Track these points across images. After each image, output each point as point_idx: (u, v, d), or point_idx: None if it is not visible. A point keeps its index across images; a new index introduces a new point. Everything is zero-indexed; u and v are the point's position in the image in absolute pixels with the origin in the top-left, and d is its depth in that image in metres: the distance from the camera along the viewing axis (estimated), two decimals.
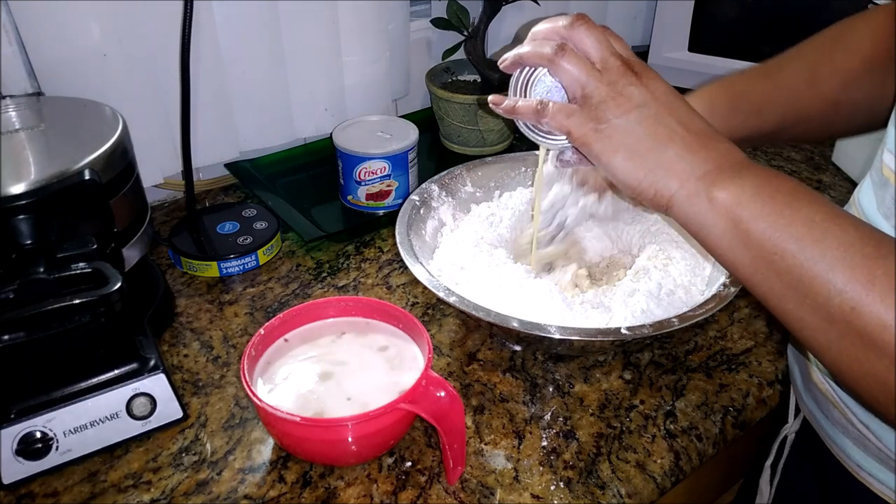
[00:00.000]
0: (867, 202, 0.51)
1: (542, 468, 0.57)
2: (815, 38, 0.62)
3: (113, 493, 0.55)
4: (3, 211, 0.52)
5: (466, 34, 0.99)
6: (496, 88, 1.00)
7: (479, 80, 1.04)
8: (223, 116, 0.91)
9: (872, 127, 0.61)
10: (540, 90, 0.51)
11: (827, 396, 0.55)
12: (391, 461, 0.57)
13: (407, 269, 0.65)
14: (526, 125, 0.54)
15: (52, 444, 0.55)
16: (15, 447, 0.54)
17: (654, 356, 0.69)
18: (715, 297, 0.62)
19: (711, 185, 0.43)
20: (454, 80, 1.05)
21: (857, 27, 0.61)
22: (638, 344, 0.69)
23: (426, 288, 0.63)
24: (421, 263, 0.66)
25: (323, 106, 0.98)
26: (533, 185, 0.83)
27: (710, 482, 0.85)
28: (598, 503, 0.55)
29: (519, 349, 0.69)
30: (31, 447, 0.54)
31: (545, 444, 0.59)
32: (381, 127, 0.91)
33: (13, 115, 0.62)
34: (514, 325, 0.58)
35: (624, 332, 0.58)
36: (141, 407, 0.58)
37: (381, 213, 0.90)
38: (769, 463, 0.68)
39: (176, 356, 0.68)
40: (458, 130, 1.02)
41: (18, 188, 0.53)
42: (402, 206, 0.74)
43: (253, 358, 0.57)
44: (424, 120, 1.06)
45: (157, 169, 0.87)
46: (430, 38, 1.12)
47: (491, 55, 1.08)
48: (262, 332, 0.58)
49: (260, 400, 0.52)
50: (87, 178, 0.55)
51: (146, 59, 0.81)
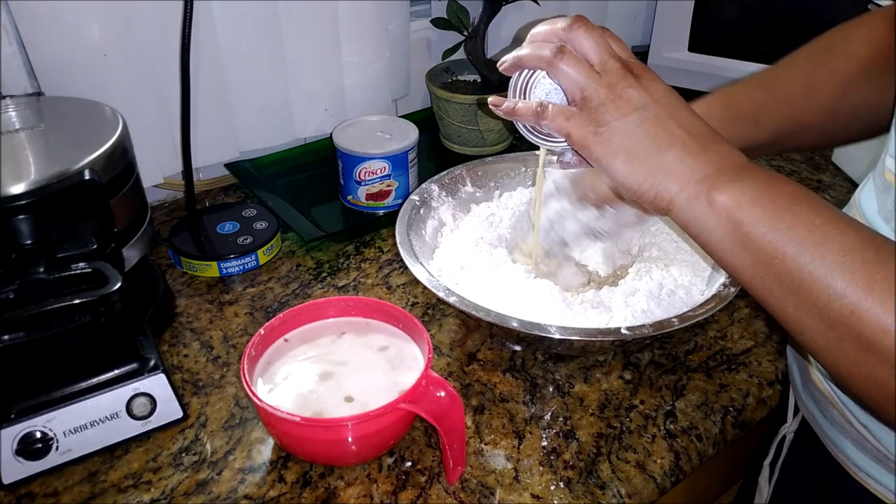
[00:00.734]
0: (868, 205, 0.51)
1: (542, 468, 0.57)
2: (810, 45, 0.62)
3: (113, 493, 0.55)
4: (3, 211, 0.52)
5: (466, 34, 0.99)
6: (496, 88, 1.00)
7: (479, 80, 1.04)
8: (223, 116, 0.91)
9: (871, 133, 0.61)
10: (539, 92, 0.51)
11: (826, 396, 0.55)
12: (391, 461, 0.57)
13: (407, 269, 0.65)
14: (525, 127, 0.54)
15: (52, 444, 0.55)
16: (15, 447, 0.54)
17: (654, 356, 0.69)
18: (715, 297, 0.62)
19: (711, 188, 0.43)
20: (454, 80, 1.06)
21: (852, 33, 0.60)
22: (638, 344, 0.69)
23: (426, 288, 0.63)
24: (421, 263, 0.66)
25: (323, 106, 0.98)
26: (532, 184, 0.83)
27: (710, 482, 0.85)
28: (598, 503, 0.55)
29: (519, 349, 0.69)
30: (31, 447, 0.54)
31: (545, 444, 0.59)
32: (381, 127, 0.91)
33: (13, 115, 0.62)
34: (514, 325, 0.58)
35: (624, 332, 0.58)
36: (141, 407, 0.58)
37: (381, 213, 0.90)
38: (768, 462, 0.68)
39: (176, 356, 0.68)
40: (458, 130, 1.02)
41: (18, 188, 0.53)
42: (402, 206, 0.74)
43: (253, 358, 0.57)
44: (424, 120, 1.06)
45: (157, 169, 0.87)
46: (430, 38, 1.12)
47: (491, 55, 1.08)
48: (262, 332, 0.58)
49: (260, 400, 0.52)
50: (87, 178, 0.55)
51: (146, 59, 0.81)
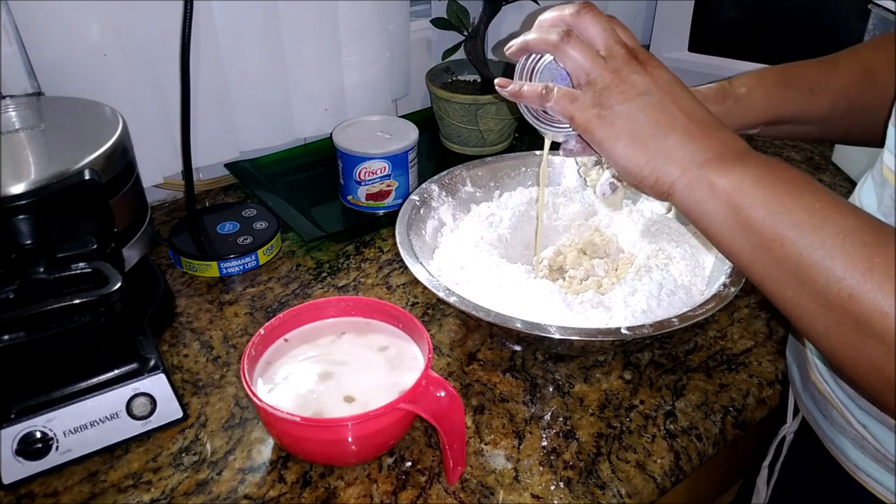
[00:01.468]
0: (868, 201, 0.51)
1: (542, 468, 0.57)
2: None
3: (113, 493, 0.55)
4: (3, 211, 0.52)
5: (466, 34, 0.99)
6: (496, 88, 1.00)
7: (479, 80, 1.04)
8: (223, 116, 0.91)
9: None
10: (545, 77, 0.51)
11: (825, 397, 0.55)
12: (391, 461, 0.57)
13: (407, 269, 0.65)
14: (530, 112, 0.54)
15: (52, 444, 0.55)
16: (15, 447, 0.54)
17: (654, 356, 0.69)
18: (715, 297, 0.62)
19: (712, 172, 0.44)
20: (454, 80, 1.06)
21: None
22: (638, 344, 0.69)
23: (426, 288, 0.63)
24: (421, 263, 0.66)
25: (323, 106, 0.98)
26: (533, 185, 0.83)
27: (710, 482, 0.85)
28: (598, 503, 0.55)
29: (519, 349, 0.69)
30: (31, 447, 0.54)
31: (545, 444, 0.59)
32: (381, 127, 0.91)
33: (13, 115, 0.62)
34: (514, 325, 0.58)
35: (624, 332, 0.58)
36: (141, 407, 0.58)
37: (381, 213, 0.90)
38: (767, 463, 0.68)
39: (176, 356, 0.68)
40: (458, 130, 1.02)
41: (18, 188, 0.53)
42: (402, 206, 0.74)
43: (253, 358, 0.57)
44: (424, 120, 1.06)
45: (157, 169, 0.87)
46: (430, 38, 1.12)
47: (491, 55, 1.08)
48: (262, 332, 0.58)
49: (260, 400, 0.52)
50: (87, 178, 0.55)
51: (146, 58, 0.81)
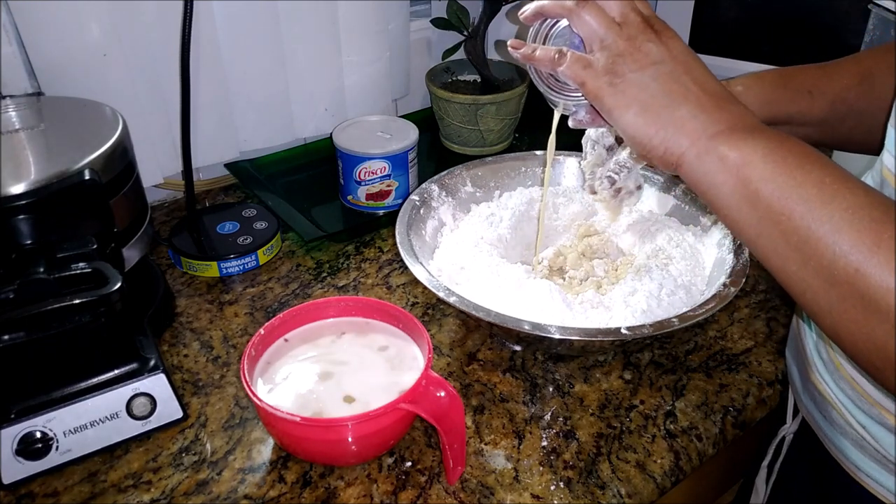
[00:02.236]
0: None
1: (542, 468, 0.57)
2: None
3: (113, 493, 0.55)
4: (3, 211, 0.52)
5: (466, 34, 0.99)
6: (496, 88, 1.00)
7: (479, 80, 1.04)
8: (223, 116, 0.91)
9: None
10: (558, 43, 0.51)
11: (825, 397, 0.55)
12: (391, 461, 0.57)
13: (407, 269, 0.65)
14: (541, 80, 0.53)
15: (52, 444, 0.55)
16: (15, 447, 0.54)
17: (654, 356, 0.69)
18: (715, 297, 0.62)
19: (723, 144, 0.43)
20: (454, 80, 1.06)
21: None
22: (638, 344, 0.69)
23: (426, 288, 0.63)
24: (421, 263, 0.66)
25: (323, 106, 0.98)
26: (532, 185, 0.83)
27: (710, 482, 0.85)
28: (598, 503, 0.55)
29: (519, 349, 0.69)
30: (31, 447, 0.54)
31: (545, 444, 0.59)
32: (381, 127, 0.91)
33: (13, 115, 0.62)
34: (514, 325, 0.58)
35: (624, 332, 0.57)
36: (141, 407, 0.58)
37: (381, 213, 0.90)
38: (766, 463, 0.68)
39: (176, 356, 0.68)
40: (458, 130, 1.02)
41: (18, 188, 0.53)
42: (402, 206, 0.74)
43: (253, 358, 0.57)
44: (424, 120, 1.06)
45: (157, 169, 0.87)
46: (430, 38, 1.12)
47: (491, 55, 1.08)
48: (262, 332, 0.58)
49: (260, 400, 0.52)
50: (87, 178, 0.55)
51: (146, 58, 0.81)
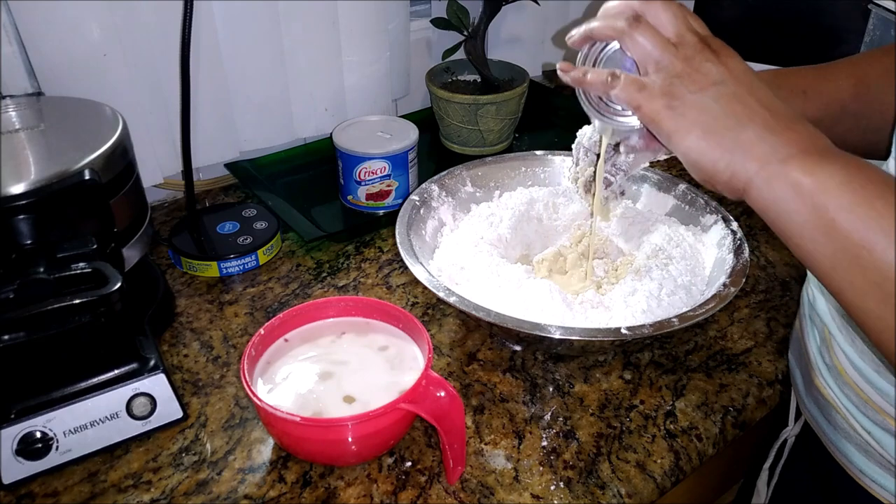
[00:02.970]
0: None
1: (542, 468, 0.57)
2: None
3: (113, 493, 0.55)
4: (3, 211, 0.52)
5: (466, 34, 0.99)
6: (496, 88, 1.00)
7: (479, 80, 1.04)
8: (223, 116, 0.91)
9: None
10: (610, 66, 0.49)
11: (829, 401, 0.54)
12: (391, 461, 0.57)
13: (407, 269, 0.65)
14: (590, 103, 0.51)
15: (52, 444, 0.55)
16: (15, 447, 0.54)
17: (654, 356, 0.69)
18: (715, 297, 0.62)
19: (796, 169, 0.40)
20: (454, 80, 1.05)
21: None
22: (638, 344, 0.69)
23: (426, 288, 0.63)
24: (421, 263, 0.66)
25: (323, 106, 0.98)
26: (532, 185, 0.83)
27: (710, 482, 0.85)
28: (598, 503, 0.55)
29: (519, 349, 0.69)
30: (31, 447, 0.54)
31: (545, 444, 0.59)
32: (381, 127, 0.91)
33: (13, 115, 0.62)
34: (514, 325, 0.58)
35: (624, 332, 0.58)
36: (141, 407, 0.58)
37: (381, 213, 0.90)
38: (767, 465, 0.68)
39: (176, 356, 0.68)
40: (458, 130, 1.02)
41: (18, 188, 0.53)
42: (402, 206, 0.74)
43: (253, 358, 0.57)
44: (424, 120, 1.05)
45: (157, 169, 0.87)
46: (430, 38, 1.12)
47: (491, 55, 1.08)
48: (262, 332, 0.58)
49: (260, 400, 0.52)
50: (87, 178, 0.55)
51: (146, 59, 0.81)
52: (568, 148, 0.67)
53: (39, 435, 0.55)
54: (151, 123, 0.84)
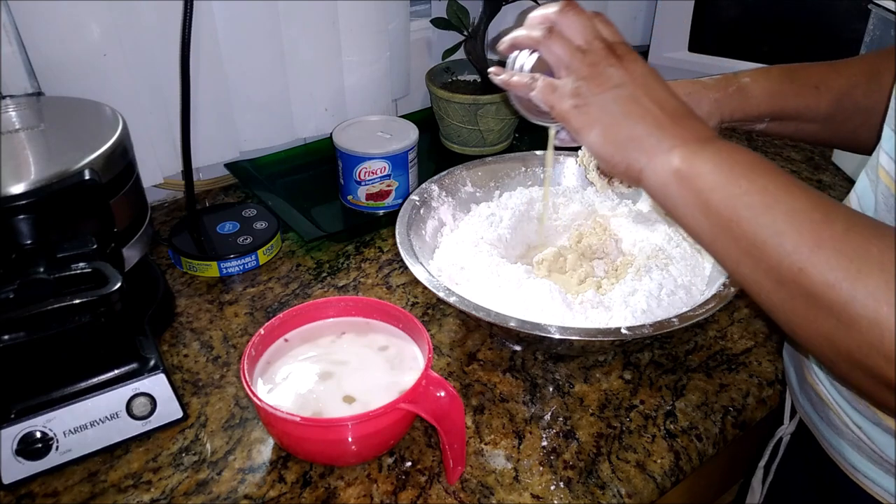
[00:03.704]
0: (866, 200, 0.51)
1: (542, 468, 0.57)
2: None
3: (113, 493, 0.55)
4: (3, 211, 0.52)
5: (466, 34, 0.99)
6: (496, 88, 1.00)
7: (479, 80, 1.04)
8: (223, 116, 0.91)
9: None
10: (533, 72, 0.54)
11: (823, 399, 0.55)
12: (391, 461, 0.57)
13: (407, 269, 0.65)
14: (520, 104, 0.57)
15: (52, 444, 0.55)
16: (15, 447, 0.54)
17: (654, 356, 0.69)
18: (715, 297, 0.62)
19: (676, 158, 0.46)
20: (454, 80, 1.06)
21: None
22: (638, 344, 0.69)
23: (426, 288, 0.63)
24: (421, 263, 0.66)
25: (323, 106, 0.98)
26: (532, 185, 0.83)
27: (710, 482, 0.85)
28: (598, 503, 0.55)
29: (519, 349, 0.69)
30: (31, 447, 0.54)
31: (545, 444, 0.59)
32: (381, 127, 0.91)
33: (13, 115, 0.62)
34: (513, 325, 0.58)
35: (624, 332, 0.58)
36: (141, 407, 0.58)
37: (381, 213, 0.90)
38: (763, 463, 0.68)
39: (176, 356, 0.68)
40: (458, 130, 1.02)
41: (18, 188, 0.53)
42: (402, 206, 0.74)
43: (253, 358, 0.57)
44: (424, 120, 1.06)
45: (157, 169, 0.87)
46: (430, 38, 1.12)
47: (490, 55, 1.08)
48: (262, 332, 0.58)
49: (260, 400, 0.52)
50: (87, 178, 0.55)
51: (146, 58, 0.81)
52: (567, 148, 0.67)
53: (39, 435, 0.55)
54: (151, 123, 0.84)
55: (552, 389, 0.65)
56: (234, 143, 0.94)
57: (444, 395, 0.52)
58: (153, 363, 0.59)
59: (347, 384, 0.56)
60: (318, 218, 0.89)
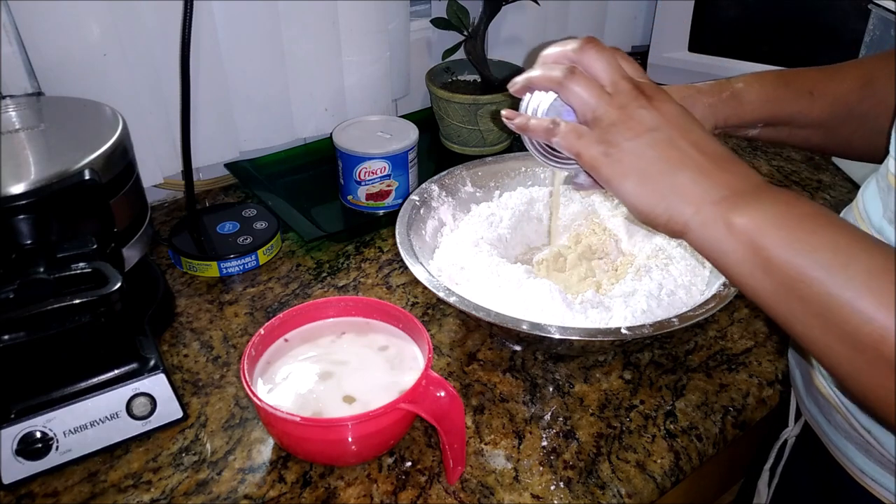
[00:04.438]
0: (872, 208, 0.50)
1: (542, 468, 0.57)
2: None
3: (113, 493, 0.55)
4: (3, 211, 0.52)
5: (466, 34, 0.99)
6: (496, 88, 1.00)
7: (479, 80, 1.04)
8: (223, 116, 0.91)
9: None
10: (551, 114, 0.50)
11: (829, 401, 0.54)
12: (391, 461, 0.57)
13: (407, 269, 0.65)
14: (536, 148, 0.53)
15: (52, 444, 0.55)
16: (15, 447, 0.54)
17: (654, 356, 0.69)
18: (715, 297, 0.62)
19: (729, 210, 0.42)
20: (454, 80, 1.05)
21: None
22: (638, 344, 0.69)
23: (426, 288, 0.63)
24: (421, 263, 0.66)
25: (323, 106, 0.98)
26: (532, 184, 0.83)
27: (710, 482, 0.85)
28: (598, 503, 0.55)
29: (519, 349, 0.69)
30: (31, 447, 0.54)
31: (545, 444, 0.59)
32: (381, 127, 0.91)
33: (13, 115, 0.62)
34: (514, 325, 0.58)
35: (624, 332, 0.58)
36: (141, 407, 0.58)
37: (381, 213, 0.90)
38: (768, 466, 0.68)
39: (176, 356, 0.68)
40: (458, 130, 1.02)
41: (18, 188, 0.53)
42: (402, 206, 0.74)
43: (253, 358, 0.57)
44: (424, 120, 1.06)
45: (157, 169, 0.87)
46: (430, 38, 1.12)
47: (491, 55, 1.08)
48: (262, 332, 0.58)
49: (260, 400, 0.52)
50: (87, 178, 0.55)
51: (146, 59, 0.81)
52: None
53: (39, 435, 0.55)
54: (151, 123, 0.84)
55: (552, 389, 0.65)
56: (233, 143, 0.94)
57: (444, 395, 0.52)
58: (153, 363, 0.59)
59: (347, 384, 0.56)
60: (318, 218, 0.89)
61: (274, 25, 0.88)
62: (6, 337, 0.52)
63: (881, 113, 0.59)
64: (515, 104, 0.53)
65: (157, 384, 0.59)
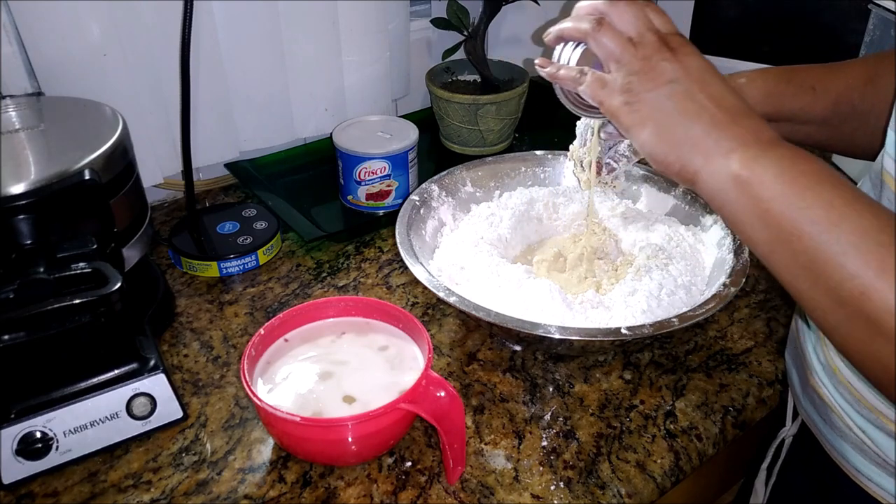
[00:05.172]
0: None
1: (542, 468, 0.57)
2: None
3: (113, 493, 0.55)
4: (3, 211, 0.52)
5: (466, 34, 0.99)
6: (496, 88, 1.00)
7: (479, 80, 1.04)
8: (223, 116, 0.91)
9: None
10: (582, 64, 0.52)
11: (825, 401, 0.54)
12: (391, 461, 0.57)
13: (407, 269, 0.65)
14: (567, 98, 0.55)
15: (52, 444, 0.55)
16: (15, 447, 0.54)
17: (654, 356, 0.69)
18: (715, 297, 0.62)
19: (736, 162, 0.43)
20: (454, 80, 1.06)
21: None
22: (638, 344, 0.69)
23: (426, 288, 0.63)
24: (421, 263, 0.66)
25: (323, 106, 0.98)
26: (533, 184, 0.83)
27: (710, 482, 0.85)
28: (598, 503, 0.55)
29: (519, 349, 0.69)
30: (31, 447, 0.54)
31: (545, 444, 0.59)
32: (381, 127, 0.91)
33: (13, 115, 0.62)
34: (514, 325, 0.58)
35: (624, 332, 0.58)
36: (141, 407, 0.58)
37: (381, 213, 0.90)
38: (765, 465, 0.68)
39: (176, 356, 0.68)
40: (458, 130, 1.02)
41: (18, 188, 0.53)
42: (402, 206, 0.74)
43: (253, 358, 0.57)
44: (424, 120, 1.06)
45: (157, 169, 0.87)
46: (430, 38, 1.12)
47: (491, 55, 1.08)
48: (262, 332, 0.58)
49: (260, 400, 0.52)
50: (87, 178, 0.55)
51: (146, 59, 0.81)
52: (567, 148, 0.67)
53: (39, 435, 0.55)
54: (151, 123, 0.84)
55: (552, 389, 0.65)
56: (234, 143, 0.94)
57: (444, 395, 0.52)
58: (153, 363, 0.59)
59: (347, 384, 0.56)
60: (318, 218, 0.89)
61: (274, 25, 0.88)
62: (6, 337, 0.52)
63: (884, 111, 0.59)
64: (514, 103, 0.54)
65: (157, 384, 0.59)
